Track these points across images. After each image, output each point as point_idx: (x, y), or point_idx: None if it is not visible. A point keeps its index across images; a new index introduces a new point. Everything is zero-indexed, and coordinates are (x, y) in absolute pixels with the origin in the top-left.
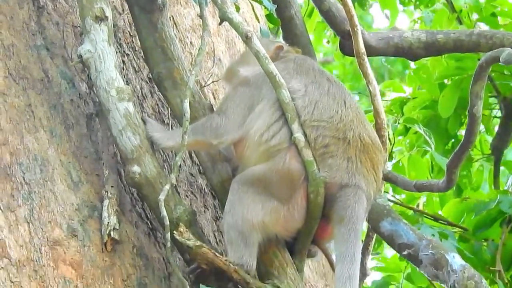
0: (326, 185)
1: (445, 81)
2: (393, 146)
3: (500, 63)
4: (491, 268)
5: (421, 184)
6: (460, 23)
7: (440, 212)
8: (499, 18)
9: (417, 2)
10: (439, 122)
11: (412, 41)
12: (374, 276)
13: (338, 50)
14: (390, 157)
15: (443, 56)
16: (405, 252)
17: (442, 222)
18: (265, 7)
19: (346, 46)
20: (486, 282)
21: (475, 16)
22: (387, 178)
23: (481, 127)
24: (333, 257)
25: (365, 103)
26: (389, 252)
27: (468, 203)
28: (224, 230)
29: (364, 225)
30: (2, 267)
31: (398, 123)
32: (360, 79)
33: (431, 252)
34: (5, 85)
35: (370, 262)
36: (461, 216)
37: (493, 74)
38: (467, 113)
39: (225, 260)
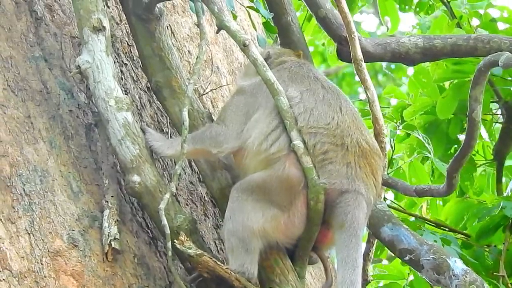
0: (326, 191)
1: (446, 85)
2: (393, 153)
3: (498, 67)
4: (494, 273)
5: (422, 189)
6: (460, 29)
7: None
8: (499, 23)
9: (417, 9)
10: (439, 127)
11: (409, 46)
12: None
13: (333, 52)
14: (391, 164)
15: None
16: (406, 258)
17: (444, 228)
18: (262, 15)
19: (344, 52)
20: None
21: (475, 22)
22: (387, 184)
23: (483, 133)
24: (331, 263)
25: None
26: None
27: (468, 203)
28: (224, 237)
29: (365, 231)
30: (3, 279)
31: (399, 129)
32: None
33: (432, 257)
34: (4, 97)
35: (372, 270)
36: (462, 216)
37: (493, 79)
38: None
39: (226, 268)
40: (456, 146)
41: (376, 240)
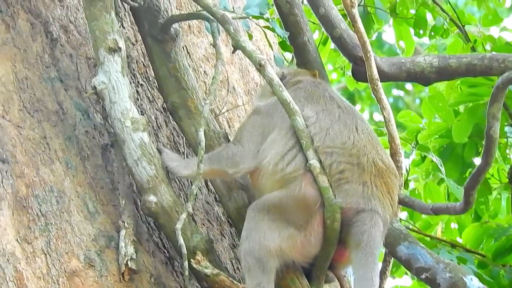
0: (342, 210)
1: (460, 108)
2: (408, 175)
3: None
4: None
5: (438, 207)
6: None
7: (458, 239)
8: None
9: (432, 33)
10: (454, 150)
11: (424, 66)
12: None
13: (350, 76)
14: (406, 186)
15: (457, 82)
16: (423, 276)
17: (460, 249)
18: (278, 35)
19: (359, 72)
20: None
21: (489, 46)
22: (404, 202)
23: (498, 156)
24: (347, 282)
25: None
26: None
27: (487, 227)
28: (241, 257)
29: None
30: None
31: (413, 153)
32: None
33: (449, 275)
34: (20, 118)
35: None
36: (481, 240)
37: (508, 102)
38: (483, 142)
39: (243, 287)
40: (471, 169)
41: (392, 258)
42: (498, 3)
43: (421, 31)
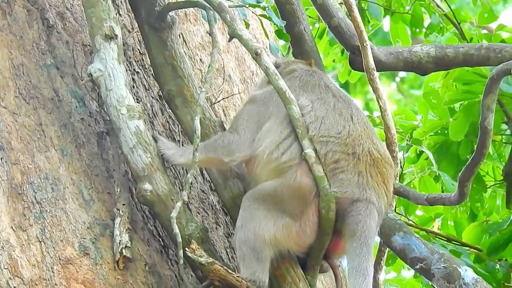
0: (338, 200)
1: (457, 107)
2: (403, 168)
3: (511, 75)
4: (505, 284)
5: (433, 197)
6: None
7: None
8: None
9: (428, 31)
10: (450, 148)
11: (421, 55)
12: None
13: (344, 68)
14: (401, 179)
15: (452, 80)
16: (417, 266)
17: (456, 243)
18: (274, 24)
19: (356, 62)
20: None
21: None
22: (399, 193)
23: (493, 153)
24: (342, 272)
25: None
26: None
27: (487, 226)
28: (236, 246)
29: (376, 239)
30: (14, 287)
31: (409, 148)
32: None
33: (443, 266)
34: (16, 105)
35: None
36: (481, 239)
37: (504, 100)
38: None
39: (238, 276)
40: None
41: (387, 248)
42: (493, 1)
43: (417, 30)
